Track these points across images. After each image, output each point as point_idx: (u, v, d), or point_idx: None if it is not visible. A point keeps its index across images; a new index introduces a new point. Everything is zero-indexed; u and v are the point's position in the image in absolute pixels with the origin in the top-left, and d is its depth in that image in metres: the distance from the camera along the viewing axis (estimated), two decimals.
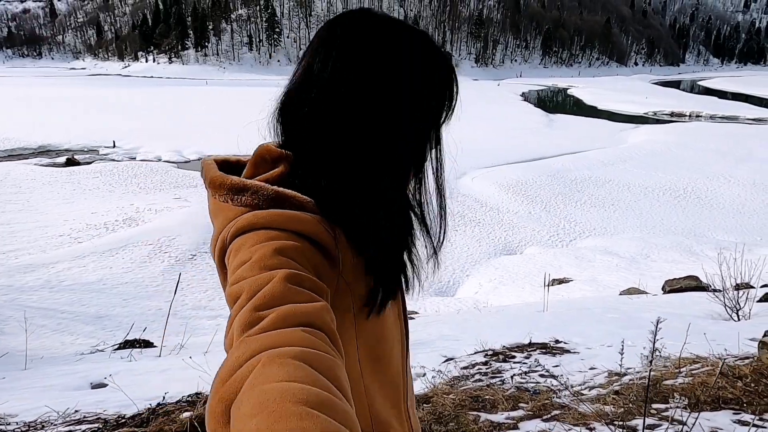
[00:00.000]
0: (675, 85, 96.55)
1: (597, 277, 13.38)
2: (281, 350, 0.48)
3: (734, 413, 2.36)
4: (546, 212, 18.74)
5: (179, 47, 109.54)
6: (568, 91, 76.09)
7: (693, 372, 2.93)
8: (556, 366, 3.71)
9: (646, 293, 10.13)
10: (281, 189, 0.68)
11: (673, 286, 9.86)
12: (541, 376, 3.33)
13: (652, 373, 2.29)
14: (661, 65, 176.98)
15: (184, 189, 19.22)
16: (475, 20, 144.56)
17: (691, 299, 8.63)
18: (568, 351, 4.28)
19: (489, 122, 37.61)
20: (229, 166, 0.79)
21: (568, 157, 26.79)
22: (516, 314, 7.40)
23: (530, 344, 4.39)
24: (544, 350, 4.22)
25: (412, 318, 8.18)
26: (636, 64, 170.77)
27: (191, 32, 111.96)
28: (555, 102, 66.18)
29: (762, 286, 10.00)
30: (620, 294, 10.40)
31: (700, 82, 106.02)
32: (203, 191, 0.77)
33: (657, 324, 2.03)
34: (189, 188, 19.29)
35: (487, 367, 3.74)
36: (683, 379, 2.73)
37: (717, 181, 22.20)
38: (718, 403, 2.47)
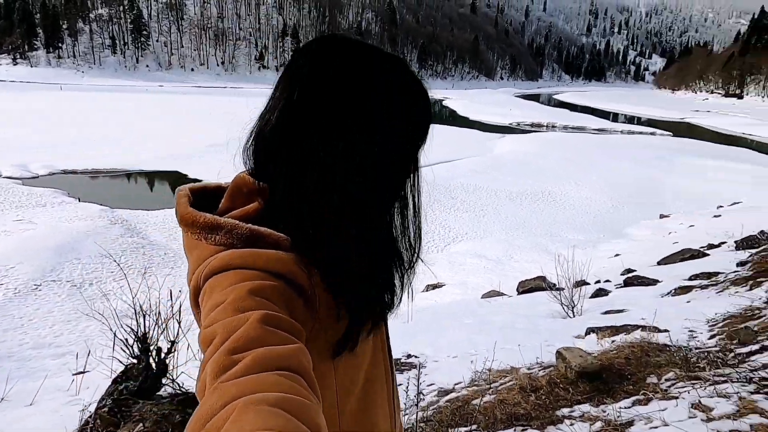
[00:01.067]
0: (535, 98, 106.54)
1: (467, 280, 14.24)
2: (257, 396, 0.45)
3: (522, 429, 2.61)
4: (422, 219, 19.61)
5: (26, 47, 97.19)
6: (444, 102, 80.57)
7: (500, 388, 3.20)
8: (399, 385, 3.86)
9: (503, 295, 11.00)
10: (255, 227, 0.65)
11: (525, 287, 10.82)
12: None
13: (465, 392, 2.47)
14: (522, 80, 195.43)
15: (29, 209, 16.97)
16: (354, 31, 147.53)
17: (538, 300, 9.54)
18: (415, 366, 4.48)
19: None
20: (206, 194, 0.75)
21: (443, 165, 28.31)
22: None
23: None
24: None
25: None
26: (502, 78, 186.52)
27: (40, 31, 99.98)
28: (432, 112, 69.44)
29: (595, 282, 11.37)
30: (482, 297, 11.16)
31: (555, 96, 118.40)
32: (53, 211, 0.64)
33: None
34: (36, 208, 17.09)
35: None
36: (489, 397, 2.99)
37: (569, 185, 24.89)
38: (511, 420, 2.72)
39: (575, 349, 3.52)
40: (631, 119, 68.18)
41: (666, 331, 5.34)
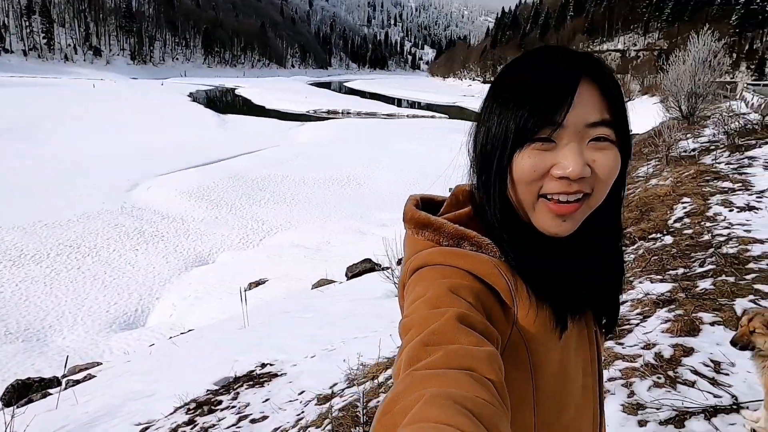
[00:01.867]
0: (327, 86, 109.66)
1: (289, 272, 13.89)
2: (445, 391, 0.46)
3: None
4: (233, 215, 18.47)
5: None
6: (236, 92, 77.24)
7: (390, 381, 3.08)
8: (266, 400, 3.45)
9: (333, 282, 11.02)
10: (462, 228, 0.68)
11: (354, 272, 11.00)
12: (252, 422, 3.01)
13: (351, 393, 2.22)
14: (313, 68, 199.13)
15: None
16: (124, 13, 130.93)
17: (371, 282, 9.82)
18: (275, 375, 4.09)
19: (159, 124, 34.73)
20: (434, 204, 0.78)
21: (245, 157, 27.12)
22: (217, 339, 6.88)
23: (236, 379, 4.02)
24: (251, 382, 3.92)
25: (91, 374, 6.68)
26: (293, 66, 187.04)
27: None
28: (225, 102, 66.24)
29: None
30: (312, 288, 11.00)
31: (345, 84, 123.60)
32: None
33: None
34: None
35: (192, 427, 3.19)
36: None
37: (371, 168, 26.16)
38: None
39: None
40: (413, 104, 75.04)
41: None
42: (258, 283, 13.01)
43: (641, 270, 4.48)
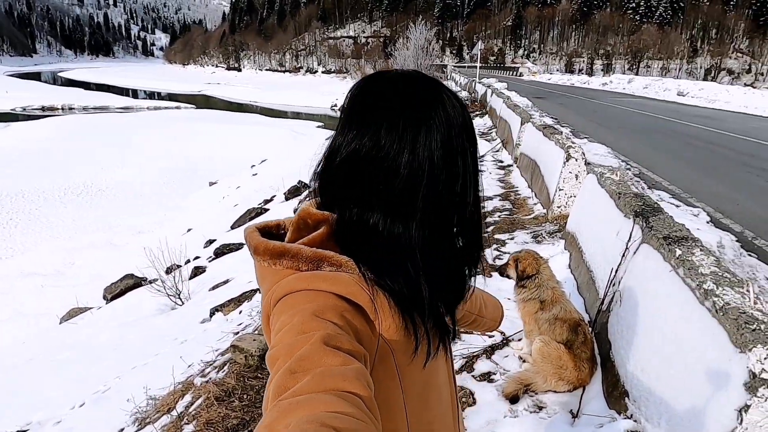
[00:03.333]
0: (36, 77, 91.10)
1: (23, 309, 11.37)
2: (311, 415, 0.46)
3: None
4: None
5: None
6: None
7: (191, 411, 2.80)
8: None
9: (90, 308, 9.44)
10: (319, 250, 0.67)
11: (114, 292, 9.59)
12: None
13: None
14: (11, 55, 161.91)
15: None
16: None
17: (138, 300, 8.71)
18: None
19: None
20: (270, 232, 0.78)
21: None
22: None
23: None
24: None
25: None
26: None
27: None
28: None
29: (186, 263, 11.29)
30: (62, 321, 9.21)
31: (61, 74, 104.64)
32: None
33: None
34: None
35: None
36: (190, 428, 2.57)
37: (112, 170, 22.91)
38: None
39: (246, 336, 3.43)
40: (152, 94, 68.22)
41: None
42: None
43: None
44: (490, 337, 2.72)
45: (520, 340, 2.62)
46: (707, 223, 4.34)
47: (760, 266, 3.33)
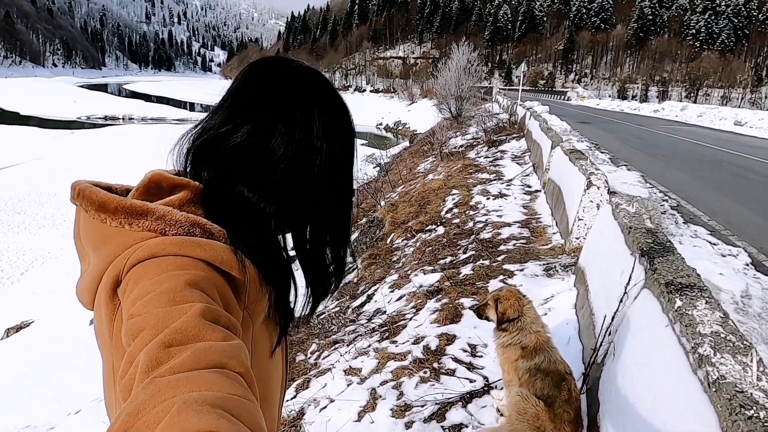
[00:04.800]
0: (102, 88, 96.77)
1: (67, 307, 11.75)
2: (197, 395, 0.42)
3: None
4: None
5: None
6: None
7: None
8: None
9: None
10: (193, 216, 0.64)
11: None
12: None
13: None
14: (83, 68, 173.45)
15: None
16: None
17: None
18: None
19: None
20: (110, 191, 0.70)
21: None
22: None
23: None
24: None
25: None
26: (55, 65, 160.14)
27: None
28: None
29: None
30: (91, 322, 9.44)
31: (126, 86, 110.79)
32: None
33: None
34: None
35: None
36: None
37: None
38: None
39: None
40: (208, 108, 70.76)
41: None
42: (19, 328, 10.68)
43: (417, 262, 4.80)
44: (471, 381, 2.43)
45: (502, 388, 2.32)
46: (746, 265, 3.86)
47: None
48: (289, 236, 0.78)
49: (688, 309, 1.55)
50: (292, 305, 0.75)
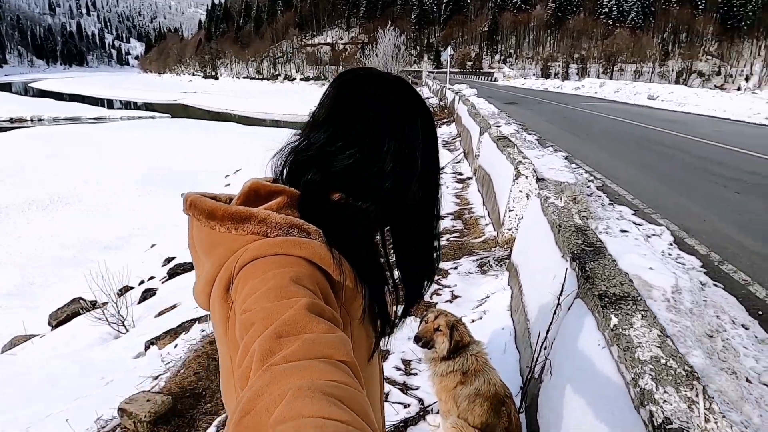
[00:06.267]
0: (6, 87, 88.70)
1: None
2: (310, 383, 0.45)
3: None
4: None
5: None
6: None
7: None
8: None
9: (33, 337, 8.76)
10: (290, 217, 0.68)
11: (59, 318, 8.91)
12: None
13: None
14: None
15: None
16: None
17: (81, 327, 8.07)
18: None
19: None
20: (215, 200, 0.75)
21: None
22: None
23: None
24: None
25: None
26: None
27: None
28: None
29: (140, 284, 10.63)
30: (3, 350, 8.53)
31: (32, 84, 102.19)
32: None
33: None
34: None
35: None
36: None
37: (80, 183, 21.96)
38: None
39: (139, 396, 2.93)
40: (127, 104, 66.85)
41: None
42: None
43: None
44: (405, 407, 2.25)
45: (438, 412, 2.16)
46: (670, 245, 3.95)
47: (727, 301, 2.94)
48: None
49: (625, 328, 1.42)
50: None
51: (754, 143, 9.55)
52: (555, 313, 1.88)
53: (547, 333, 1.91)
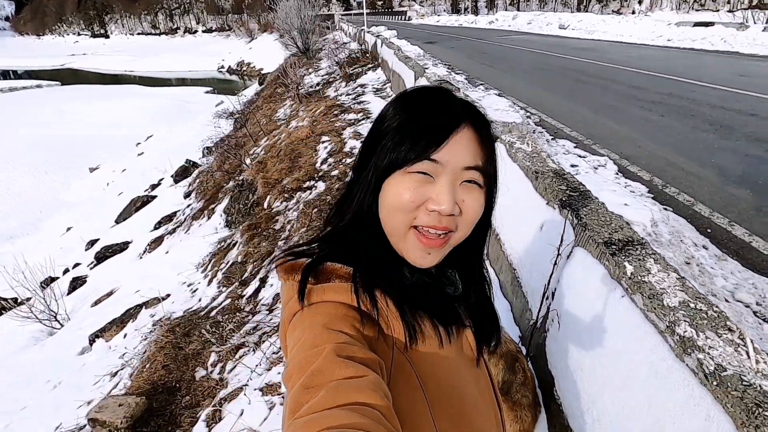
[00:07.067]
0: None
1: None
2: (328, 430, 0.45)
3: None
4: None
5: None
6: None
7: None
8: None
9: None
10: (330, 264, 0.68)
11: None
12: None
13: None
14: None
15: None
16: None
17: (5, 329, 7.36)
18: None
19: None
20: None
21: None
22: None
23: None
24: None
25: None
26: None
27: None
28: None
29: (64, 272, 9.82)
30: None
31: None
32: None
33: None
34: None
35: None
36: None
37: None
38: None
39: (109, 402, 2.70)
40: (5, 74, 59.48)
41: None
42: None
43: (306, 229, 4.43)
44: None
45: None
46: (616, 174, 4.12)
47: (679, 222, 3.13)
48: None
49: (643, 274, 1.44)
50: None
51: (665, 66, 10.11)
52: (555, 263, 1.88)
53: (548, 283, 1.92)
